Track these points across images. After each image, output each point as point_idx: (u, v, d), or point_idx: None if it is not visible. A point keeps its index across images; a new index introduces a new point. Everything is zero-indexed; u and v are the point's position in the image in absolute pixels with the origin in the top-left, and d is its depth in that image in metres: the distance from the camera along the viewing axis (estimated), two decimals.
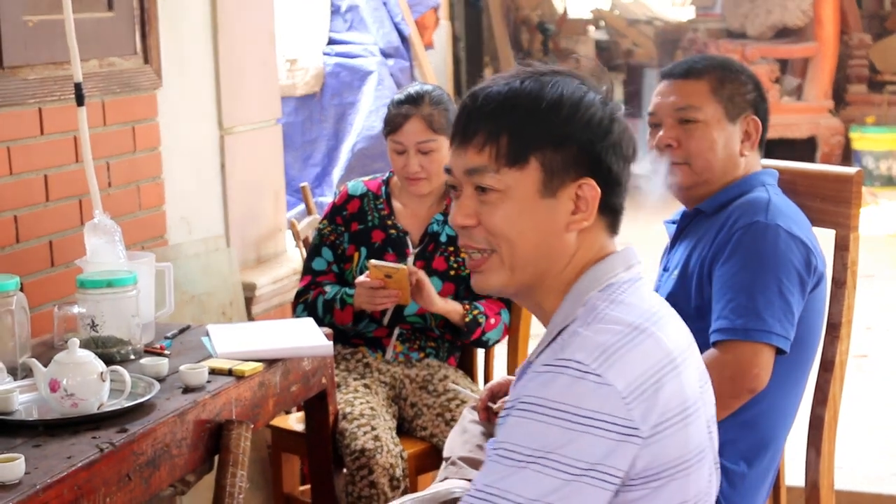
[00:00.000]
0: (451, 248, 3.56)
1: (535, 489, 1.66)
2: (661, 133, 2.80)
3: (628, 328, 1.74)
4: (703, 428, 1.83)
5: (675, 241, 2.87)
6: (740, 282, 2.60)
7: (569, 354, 1.71)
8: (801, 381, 2.74)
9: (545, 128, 1.79)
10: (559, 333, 1.79)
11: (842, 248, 2.79)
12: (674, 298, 2.74)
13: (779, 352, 2.59)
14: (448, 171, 1.88)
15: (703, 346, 2.59)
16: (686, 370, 1.79)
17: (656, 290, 2.84)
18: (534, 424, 1.68)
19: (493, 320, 3.52)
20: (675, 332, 1.83)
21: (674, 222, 2.91)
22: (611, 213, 1.86)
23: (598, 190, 1.81)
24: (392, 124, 3.52)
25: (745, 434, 2.65)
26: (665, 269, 2.86)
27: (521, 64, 1.87)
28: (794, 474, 3.06)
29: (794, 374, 2.69)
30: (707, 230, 2.74)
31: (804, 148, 10.39)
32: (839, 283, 2.79)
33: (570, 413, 1.67)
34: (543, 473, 1.66)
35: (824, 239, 2.72)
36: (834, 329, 2.78)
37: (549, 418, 1.67)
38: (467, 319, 3.48)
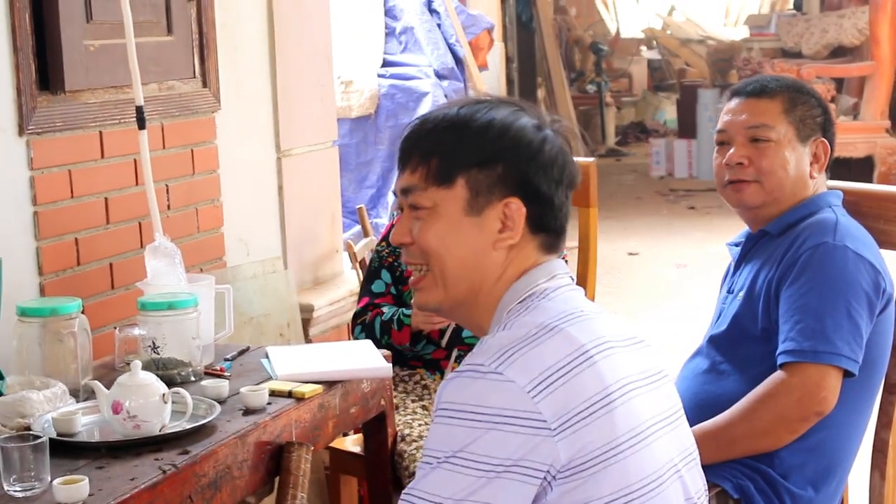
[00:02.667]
0: None
1: (451, 488, 1.71)
2: (731, 151, 2.79)
3: (535, 328, 1.78)
4: (668, 442, 1.85)
5: (740, 263, 2.84)
6: (808, 304, 2.57)
7: (471, 360, 1.77)
8: (869, 404, 2.70)
9: (472, 149, 1.87)
10: None
11: None
12: (740, 321, 2.73)
13: (846, 374, 2.56)
14: (395, 193, 1.97)
15: (770, 368, 2.59)
16: (608, 360, 1.79)
17: (720, 313, 2.83)
18: (442, 428, 1.75)
19: None
20: (604, 328, 1.84)
21: (737, 244, 2.89)
22: (544, 232, 1.91)
23: (524, 209, 1.86)
24: None
25: (812, 459, 2.62)
26: (730, 292, 2.83)
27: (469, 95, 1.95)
28: (857, 498, 3.02)
29: (862, 398, 2.66)
30: (773, 251, 2.72)
31: (861, 167, 10.30)
32: None
33: (471, 412, 1.72)
34: (456, 472, 1.71)
35: (889, 260, 2.69)
36: None
37: (453, 420, 1.73)
38: None
